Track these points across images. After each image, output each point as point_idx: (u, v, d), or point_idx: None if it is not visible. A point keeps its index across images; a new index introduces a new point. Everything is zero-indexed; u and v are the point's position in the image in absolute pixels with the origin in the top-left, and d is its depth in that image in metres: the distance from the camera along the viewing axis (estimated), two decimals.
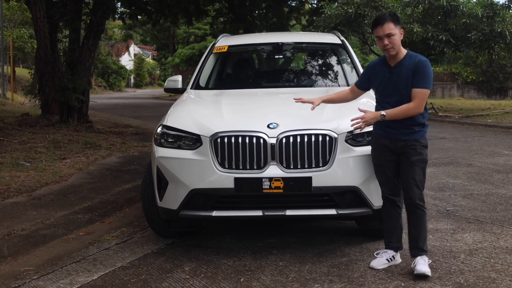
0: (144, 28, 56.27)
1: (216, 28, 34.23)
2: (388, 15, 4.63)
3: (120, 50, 73.17)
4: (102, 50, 66.57)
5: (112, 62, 64.23)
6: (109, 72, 62.08)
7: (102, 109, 27.21)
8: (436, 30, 19.59)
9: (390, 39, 4.56)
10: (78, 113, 14.79)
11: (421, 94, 4.51)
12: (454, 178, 8.62)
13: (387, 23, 4.56)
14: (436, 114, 21.58)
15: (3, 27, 31.50)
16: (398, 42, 4.58)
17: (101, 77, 62.08)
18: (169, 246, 5.61)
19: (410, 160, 4.63)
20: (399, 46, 4.62)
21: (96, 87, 58.81)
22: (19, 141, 11.49)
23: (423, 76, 4.51)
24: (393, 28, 4.56)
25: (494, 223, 6.13)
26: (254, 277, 4.69)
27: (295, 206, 5.01)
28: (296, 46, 7.49)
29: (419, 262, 4.61)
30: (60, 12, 13.76)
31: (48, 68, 13.91)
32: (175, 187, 5.09)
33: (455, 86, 41.27)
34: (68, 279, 4.75)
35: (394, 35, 4.56)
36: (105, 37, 67.77)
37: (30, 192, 7.77)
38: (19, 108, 21.80)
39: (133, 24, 54.94)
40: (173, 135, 5.23)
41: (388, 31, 4.55)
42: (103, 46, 67.08)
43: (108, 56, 66.21)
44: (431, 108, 23.01)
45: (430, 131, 13.23)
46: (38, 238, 5.87)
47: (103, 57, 61.92)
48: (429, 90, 4.55)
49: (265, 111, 5.46)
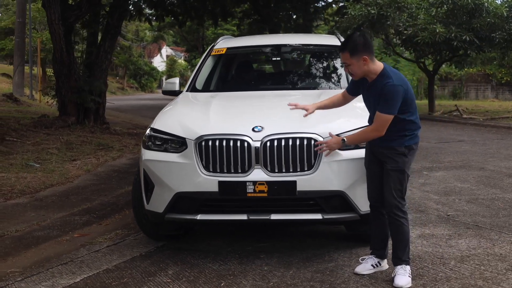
0: (173, 30, 56.61)
1: (242, 29, 34.36)
2: (346, 44, 4.53)
3: (152, 51, 73.79)
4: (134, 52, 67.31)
5: (144, 63, 64.84)
6: (141, 73, 62.68)
7: (127, 110, 27.46)
8: (460, 30, 19.30)
9: (348, 68, 4.55)
10: (94, 114, 14.89)
11: (380, 118, 4.42)
12: (462, 182, 8.45)
13: (344, 53, 4.51)
14: (460, 116, 21.28)
15: (31, 29, 32.02)
16: (357, 70, 4.50)
17: (133, 79, 62.71)
18: (159, 249, 5.59)
19: (386, 168, 4.56)
20: (361, 73, 4.52)
21: (128, 88, 59.44)
22: (33, 142, 11.61)
23: (386, 100, 4.39)
24: (348, 58, 4.48)
25: (493, 229, 5.99)
26: (235, 282, 4.64)
27: (280, 210, 4.95)
28: (295, 48, 7.43)
29: (398, 273, 4.52)
30: (75, 14, 13.87)
31: (64, 70, 14.04)
32: (161, 190, 5.07)
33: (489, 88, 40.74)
34: (50, 281, 4.76)
35: (350, 65, 4.51)
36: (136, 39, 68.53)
37: (33, 194, 7.83)
38: (44, 109, 22.02)
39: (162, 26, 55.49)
40: (161, 138, 5.22)
41: (344, 60, 4.54)
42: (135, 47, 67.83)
43: (140, 57, 66.84)
44: (456, 110, 22.72)
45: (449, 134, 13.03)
46: (31, 239, 5.90)
47: (135, 59, 62.56)
48: (391, 115, 4.40)
49: (253, 114, 5.40)
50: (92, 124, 14.56)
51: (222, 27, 47.57)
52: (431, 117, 21.77)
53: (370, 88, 4.57)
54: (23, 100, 24.43)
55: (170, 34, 68.27)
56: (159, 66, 70.06)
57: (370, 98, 4.59)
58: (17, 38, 29.48)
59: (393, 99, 4.37)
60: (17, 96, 25.51)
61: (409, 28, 20.37)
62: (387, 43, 23.74)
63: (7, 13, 51.30)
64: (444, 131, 16.42)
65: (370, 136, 4.52)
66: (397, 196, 4.55)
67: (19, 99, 24.30)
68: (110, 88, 53.65)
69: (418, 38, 19.70)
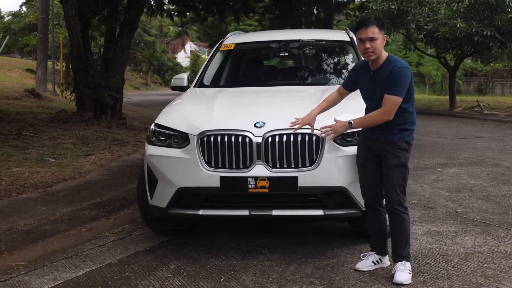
0: (196, 25, 56.78)
1: (264, 25, 34.37)
2: (373, 18, 4.51)
3: (176, 47, 74.04)
4: (158, 47, 67.64)
5: (168, 59, 65.15)
6: (165, 69, 62.98)
7: (148, 105, 27.59)
8: (481, 25, 19.06)
9: (372, 43, 4.44)
10: (111, 109, 15.00)
11: (390, 101, 4.37)
12: (475, 179, 8.36)
13: (372, 27, 4.44)
14: (481, 112, 21.03)
15: (54, 25, 32.32)
16: (379, 47, 4.46)
17: (157, 74, 63.06)
18: (163, 244, 5.63)
19: (388, 163, 4.51)
20: (380, 52, 4.49)
21: (151, 84, 59.78)
22: (49, 137, 11.73)
23: (396, 83, 4.36)
24: (377, 33, 4.44)
25: (500, 226, 5.92)
26: (235, 277, 4.65)
27: (282, 206, 4.95)
28: (304, 44, 7.40)
29: (399, 269, 4.49)
30: (92, 10, 13.98)
31: (81, 65, 14.17)
32: (164, 185, 5.11)
33: None
34: (53, 274, 4.82)
35: (377, 40, 4.44)
36: (160, 34, 68.82)
37: (45, 188, 7.92)
38: (64, 104, 22.22)
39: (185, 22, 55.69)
40: (164, 134, 5.25)
41: (372, 35, 4.43)
42: (158, 43, 68.15)
43: (164, 53, 67.13)
44: (477, 106, 22.47)
45: (467, 130, 12.87)
46: (38, 233, 5.97)
47: (158, 54, 62.87)
48: (400, 97, 4.37)
49: (256, 110, 5.39)
50: (109, 119, 14.67)
51: (244, 22, 47.58)
52: (451, 113, 21.55)
53: (374, 77, 4.53)
54: (45, 96, 24.66)
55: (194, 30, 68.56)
56: (183, 61, 70.28)
57: (376, 87, 4.50)
58: (40, 34, 29.77)
59: (402, 81, 4.36)
60: (40, 91, 25.78)
61: (430, 24, 20.17)
62: (408, 38, 23.50)
63: (31, 9, 51.89)
64: (463, 127, 16.25)
65: (378, 119, 4.44)
66: (400, 192, 4.53)
67: (41, 94, 24.54)
68: (134, 83, 54.19)
69: (439, 34, 19.51)
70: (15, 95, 23.10)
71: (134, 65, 68.95)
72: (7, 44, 45.27)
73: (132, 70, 65.57)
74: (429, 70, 47.56)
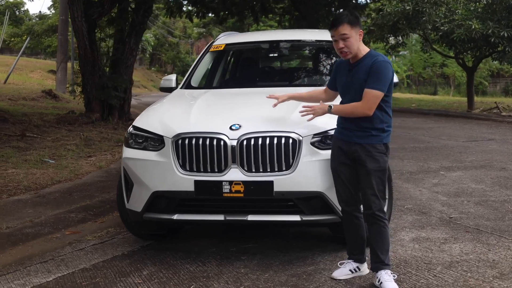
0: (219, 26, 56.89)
1: (284, 25, 34.27)
2: (345, 16, 4.32)
3: (201, 48, 74.23)
4: (182, 49, 67.95)
5: (192, 60, 65.46)
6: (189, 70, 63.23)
7: None
8: (498, 26, 18.71)
9: (345, 42, 4.28)
10: (119, 111, 14.98)
11: (370, 94, 4.19)
12: (477, 183, 8.12)
13: (342, 25, 4.27)
14: (499, 114, 20.64)
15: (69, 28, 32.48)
16: (353, 44, 4.28)
17: (181, 75, 63.33)
18: (143, 248, 5.52)
19: (366, 168, 4.31)
20: (356, 49, 4.31)
21: None
22: (53, 138, 11.72)
23: (377, 77, 4.19)
24: (349, 30, 4.27)
25: (493, 233, 5.70)
26: (206, 284, 4.52)
27: (258, 211, 4.80)
28: (294, 44, 7.24)
29: (385, 279, 4.29)
30: (98, 11, 13.97)
31: (88, 66, 14.17)
32: (139, 189, 4.99)
33: None
34: (23, 280, 4.73)
35: (350, 38, 4.27)
36: (184, 35, 69.09)
37: (38, 190, 7.86)
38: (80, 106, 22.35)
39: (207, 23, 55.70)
40: (141, 136, 5.13)
41: (343, 32, 4.27)
42: (182, 44, 68.44)
43: (188, 54, 67.39)
44: (496, 108, 22.06)
45: (481, 132, 12.55)
46: (20, 236, 5.90)
47: (182, 55, 63.11)
48: (381, 92, 4.19)
49: (234, 112, 5.24)
50: (116, 120, 14.64)
51: (266, 23, 47.52)
52: (467, 115, 21.17)
53: (352, 69, 4.37)
54: (62, 97, 24.81)
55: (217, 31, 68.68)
56: None
57: (353, 80, 4.33)
58: (60, 35, 29.98)
59: (383, 75, 4.21)
60: (60, 92, 25.95)
61: (446, 24, 19.87)
62: (425, 39, 23.17)
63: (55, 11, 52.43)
64: (477, 129, 15.93)
65: (357, 111, 4.25)
66: (380, 197, 4.35)
67: (58, 95, 24.69)
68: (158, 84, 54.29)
69: (454, 35, 19.21)
70: (32, 96, 23.27)
71: (158, 66, 69.37)
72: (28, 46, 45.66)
73: (157, 71, 66.00)
74: (454, 71, 47.02)
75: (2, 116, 12.74)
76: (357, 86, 4.29)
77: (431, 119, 20.00)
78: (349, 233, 4.61)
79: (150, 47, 57.12)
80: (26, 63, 39.94)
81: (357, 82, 4.30)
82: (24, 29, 54.48)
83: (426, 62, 49.52)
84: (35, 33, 48.36)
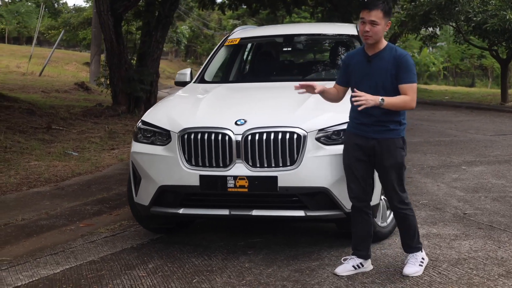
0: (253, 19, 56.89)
1: (317, 17, 34.09)
2: (381, 2, 4.29)
3: None
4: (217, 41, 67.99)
5: None
6: None
7: None
8: None
9: (373, 27, 4.27)
10: (145, 104, 15.06)
11: (412, 88, 4.28)
12: (498, 178, 7.99)
13: (376, 10, 4.26)
14: None
15: None
16: (380, 33, 4.30)
17: None
18: (152, 242, 5.57)
19: (384, 165, 4.35)
20: (380, 37, 4.34)
21: None
22: (78, 131, 11.87)
23: (409, 71, 4.29)
24: (380, 18, 4.27)
25: (506, 230, 5.61)
26: (209, 278, 4.55)
27: (262, 206, 4.83)
28: (310, 38, 7.20)
29: (409, 262, 4.51)
30: (124, 5, 14.06)
31: (115, 59, 14.30)
32: (147, 183, 5.06)
33: None
34: (32, 271, 4.81)
35: (378, 25, 4.27)
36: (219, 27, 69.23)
37: (58, 182, 7.98)
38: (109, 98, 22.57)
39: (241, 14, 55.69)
40: (150, 131, 5.21)
41: (374, 18, 4.26)
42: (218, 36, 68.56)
43: None
44: None
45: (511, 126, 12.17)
46: (34, 228, 6.00)
47: None
48: (416, 84, 4.35)
49: (242, 106, 5.26)
50: (142, 113, 14.70)
51: (300, 15, 47.31)
52: (500, 108, 20.79)
53: (372, 60, 4.37)
54: (94, 89, 25.07)
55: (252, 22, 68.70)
56: None
57: (373, 70, 4.35)
58: (93, 28, 30.33)
59: (413, 67, 4.34)
60: (93, 85, 26.22)
61: (479, 15, 19.53)
62: (458, 30, 22.81)
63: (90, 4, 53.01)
64: (508, 122, 15.63)
65: (407, 105, 4.29)
66: (400, 191, 4.44)
67: (91, 87, 24.97)
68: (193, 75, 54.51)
69: (488, 25, 18.87)
70: (65, 89, 23.60)
71: (194, 58, 69.67)
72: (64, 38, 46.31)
73: (192, 63, 66.27)
74: (492, 63, 46.18)
75: (30, 108, 12.95)
76: (380, 74, 4.32)
77: (461, 112, 19.70)
78: (357, 229, 4.61)
79: (185, 39, 57.36)
80: (62, 55, 40.54)
81: (379, 72, 4.32)
82: (61, 21, 55.18)
83: (463, 53, 48.70)
84: (70, 25, 48.93)
